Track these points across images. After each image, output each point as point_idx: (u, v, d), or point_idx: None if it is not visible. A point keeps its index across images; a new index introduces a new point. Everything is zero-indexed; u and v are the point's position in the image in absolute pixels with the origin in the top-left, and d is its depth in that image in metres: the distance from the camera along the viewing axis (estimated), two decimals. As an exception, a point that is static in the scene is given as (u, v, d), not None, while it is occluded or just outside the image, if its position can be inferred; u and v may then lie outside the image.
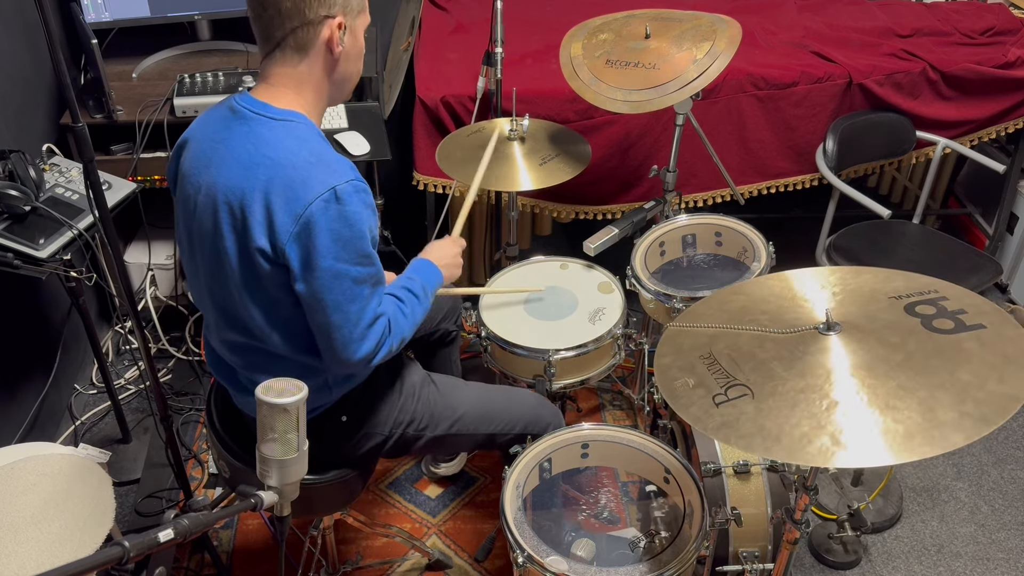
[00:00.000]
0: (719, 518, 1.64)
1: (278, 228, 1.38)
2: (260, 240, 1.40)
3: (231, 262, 1.45)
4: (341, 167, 1.41)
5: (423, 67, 2.73)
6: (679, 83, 2.09)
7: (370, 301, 1.47)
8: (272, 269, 1.42)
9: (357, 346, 1.47)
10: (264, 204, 1.38)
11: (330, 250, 1.39)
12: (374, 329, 1.49)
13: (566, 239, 3.19)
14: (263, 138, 1.41)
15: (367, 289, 1.46)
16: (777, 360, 1.32)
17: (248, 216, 1.40)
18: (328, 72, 1.48)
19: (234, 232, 1.43)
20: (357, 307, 1.45)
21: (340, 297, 1.43)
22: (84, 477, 1.75)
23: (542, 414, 1.89)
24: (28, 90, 2.48)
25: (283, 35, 1.42)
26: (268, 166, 1.39)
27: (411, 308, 1.61)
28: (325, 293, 1.42)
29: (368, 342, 1.48)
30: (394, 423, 1.74)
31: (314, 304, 1.43)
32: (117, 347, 2.88)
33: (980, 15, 3.04)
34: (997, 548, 2.26)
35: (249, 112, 1.44)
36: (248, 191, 1.39)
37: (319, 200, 1.36)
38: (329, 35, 1.42)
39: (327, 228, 1.38)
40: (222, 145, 1.45)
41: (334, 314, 1.44)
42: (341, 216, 1.38)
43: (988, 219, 3.17)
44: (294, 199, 1.37)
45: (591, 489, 1.76)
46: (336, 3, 1.41)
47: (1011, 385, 1.18)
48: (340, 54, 1.46)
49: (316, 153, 1.41)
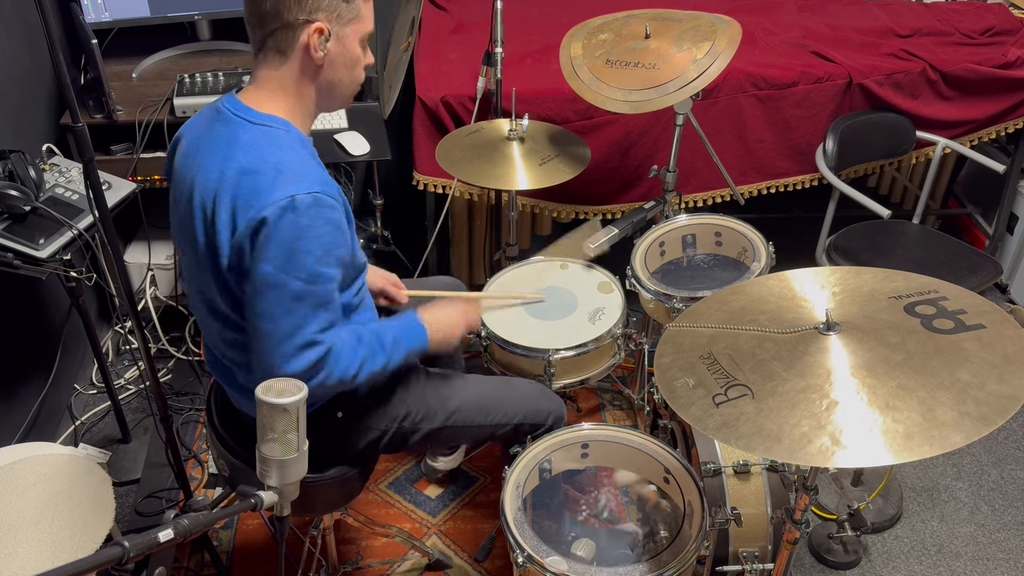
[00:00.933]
0: (719, 518, 1.64)
1: (237, 229, 1.38)
2: (224, 239, 1.40)
3: (204, 260, 1.46)
4: (308, 177, 1.39)
5: (423, 67, 2.73)
6: (679, 83, 2.09)
7: (307, 321, 1.41)
8: (231, 271, 1.43)
9: (283, 361, 1.42)
10: (230, 205, 1.39)
11: (273, 257, 1.37)
12: (307, 353, 1.42)
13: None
14: (239, 141, 1.42)
15: (305, 308, 1.41)
16: (777, 360, 1.32)
17: (216, 216, 1.41)
18: (310, 77, 1.46)
19: (205, 230, 1.44)
20: (290, 323, 1.40)
21: (274, 307, 1.39)
22: (84, 477, 1.75)
23: (543, 404, 1.87)
24: (28, 90, 2.48)
25: (263, 37, 1.43)
26: (238, 169, 1.39)
27: (367, 353, 1.52)
28: (258, 298, 1.40)
29: (297, 363, 1.42)
30: (390, 417, 1.73)
31: (249, 308, 1.42)
32: (117, 347, 2.88)
33: (980, 15, 3.04)
34: (997, 548, 2.26)
35: (231, 114, 1.45)
36: (219, 192, 1.40)
37: (274, 205, 1.35)
38: (307, 40, 1.42)
39: (275, 235, 1.36)
40: (205, 144, 1.46)
41: (263, 322, 1.41)
42: (293, 226, 1.36)
43: (988, 219, 3.17)
44: (254, 201, 1.37)
45: (591, 489, 1.76)
46: (319, 8, 1.40)
47: (1011, 385, 1.18)
48: (322, 60, 1.45)
49: (288, 160, 1.40)
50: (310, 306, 1.41)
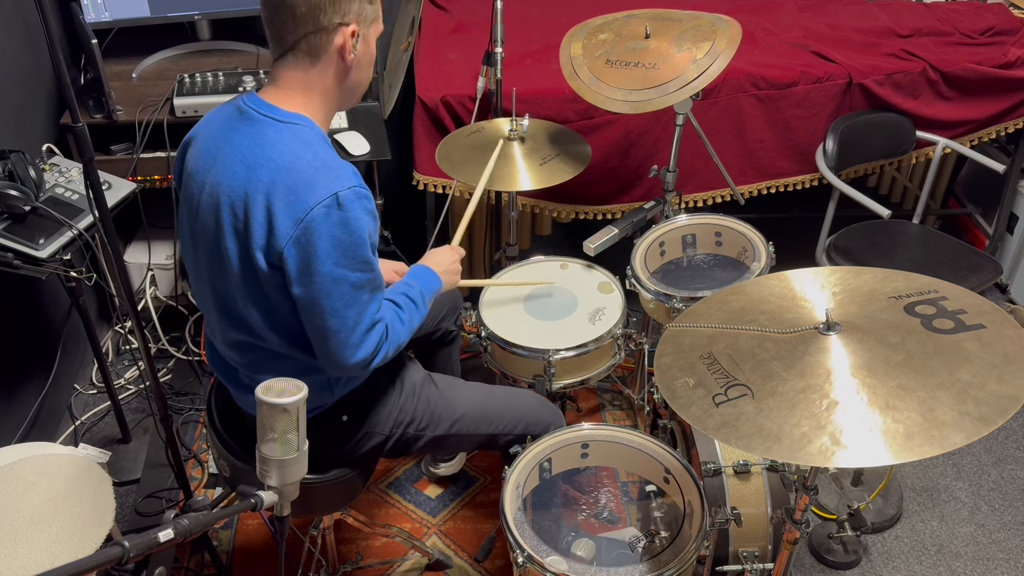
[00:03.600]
0: (719, 518, 1.64)
1: (278, 231, 1.38)
2: (259, 242, 1.40)
3: (231, 262, 1.45)
4: (344, 173, 1.41)
5: (423, 67, 2.73)
6: (679, 83, 2.09)
7: (368, 306, 1.47)
8: (270, 271, 1.42)
9: (353, 351, 1.47)
10: (265, 206, 1.38)
11: (330, 255, 1.39)
12: (371, 334, 1.49)
13: (566, 239, 3.19)
14: (268, 139, 1.41)
15: (365, 294, 1.46)
16: (777, 360, 1.32)
17: (250, 217, 1.40)
18: (339, 79, 1.48)
19: (235, 232, 1.43)
20: (354, 312, 1.45)
21: (338, 303, 1.43)
22: (84, 477, 1.75)
23: (543, 415, 1.90)
24: (28, 90, 2.48)
25: (296, 40, 1.42)
26: (271, 168, 1.39)
27: (409, 314, 1.62)
28: (323, 298, 1.42)
29: (365, 347, 1.48)
30: (395, 423, 1.74)
31: (311, 308, 1.43)
32: (117, 347, 2.88)
33: (980, 15, 3.04)
34: (997, 548, 2.26)
35: (256, 113, 1.44)
36: (251, 192, 1.39)
37: (321, 206, 1.36)
38: (342, 43, 1.42)
39: (328, 233, 1.37)
40: (227, 145, 1.45)
41: (331, 319, 1.44)
42: (342, 222, 1.38)
43: (988, 219, 3.17)
44: (296, 203, 1.37)
45: (591, 489, 1.76)
46: (351, 11, 1.41)
47: (1011, 385, 1.18)
48: (352, 61, 1.46)
49: (320, 157, 1.41)
50: (368, 292, 1.47)
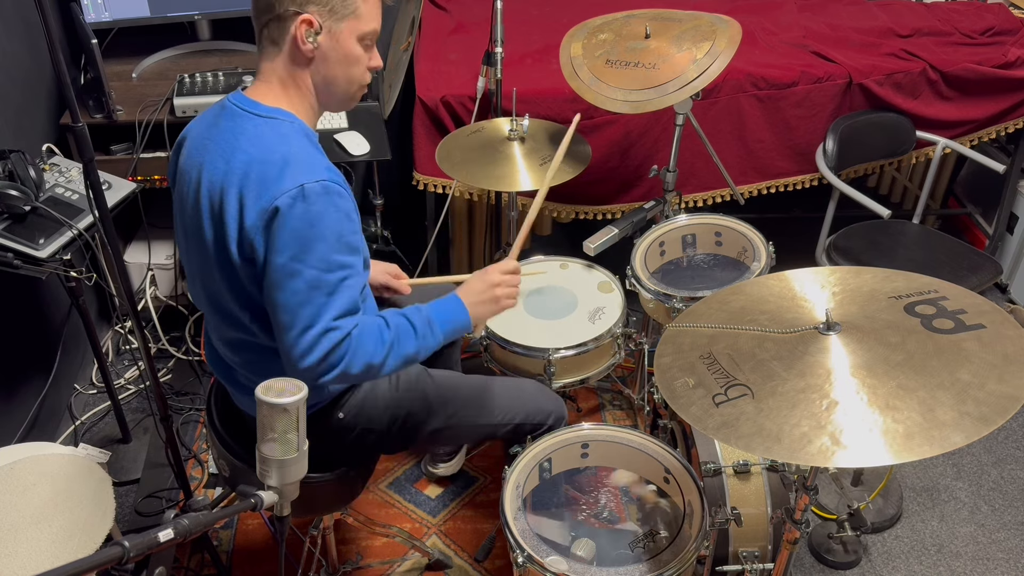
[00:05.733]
0: (719, 518, 1.64)
1: (247, 222, 1.39)
2: (233, 234, 1.41)
3: (212, 255, 1.46)
4: (316, 166, 1.40)
5: (423, 67, 2.73)
6: (679, 83, 2.09)
7: (324, 310, 1.40)
8: (243, 264, 1.43)
9: (304, 352, 1.41)
10: (238, 197, 1.40)
11: (287, 247, 1.37)
12: (324, 340, 1.40)
13: (566, 239, 3.19)
14: (245, 133, 1.43)
15: (321, 296, 1.40)
16: (777, 360, 1.32)
17: (224, 209, 1.41)
18: (301, 68, 1.47)
19: (212, 224, 1.44)
20: (308, 312, 1.39)
21: (291, 298, 1.39)
22: (84, 477, 1.75)
23: (544, 404, 1.87)
24: (28, 90, 2.48)
25: (260, 28, 1.46)
26: (245, 160, 1.40)
27: (395, 336, 1.50)
28: (276, 291, 1.40)
29: (314, 353, 1.40)
30: (391, 418, 1.73)
31: (268, 302, 1.43)
32: (117, 347, 2.88)
33: (980, 15, 3.04)
34: (997, 548, 2.26)
35: (237, 109, 1.47)
36: (226, 185, 1.41)
37: (285, 195, 1.36)
38: (294, 32, 1.43)
39: (288, 225, 1.36)
40: (210, 141, 1.47)
41: (283, 314, 1.41)
42: (305, 214, 1.37)
43: (988, 219, 3.17)
44: (263, 193, 1.37)
45: (591, 489, 1.76)
46: (309, 1, 1.41)
47: (1011, 385, 1.18)
48: (312, 52, 1.45)
49: (295, 151, 1.41)
50: (326, 294, 1.41)
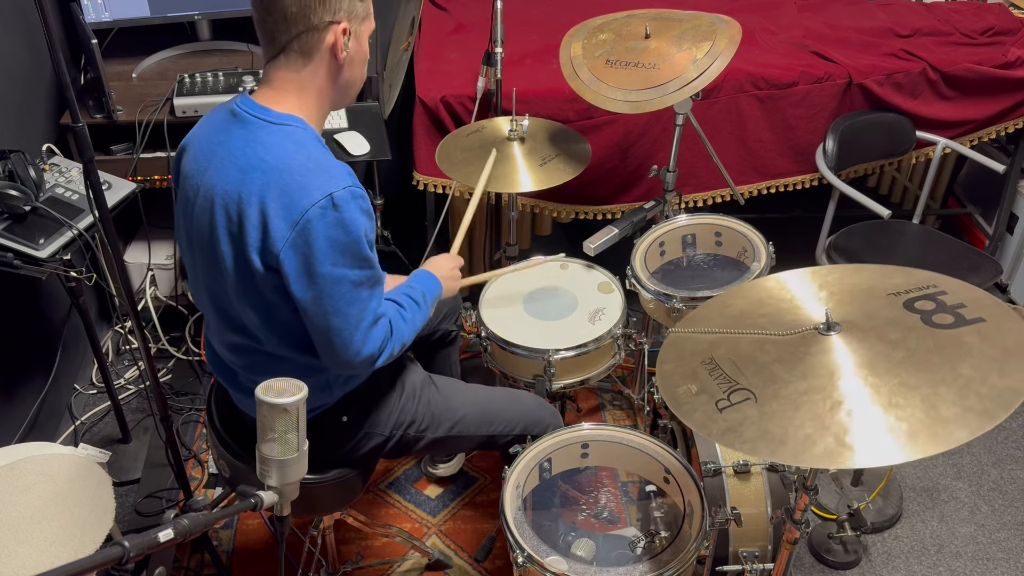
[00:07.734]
0: (719, 518, 1.64)
1: (273, 234, 1.38)
2: (255, 244, 1.40)
3: (227, 265, 1.45)
4: (339, 173, 1.41)
5: (423, 67, 2.73)
6: (679, 83, 2.09)
7: (369, 303, 1.48)
8: (266, 273, 1.42)
9: (359, 347, 1.48)
10: (260, 209, 1.38)
11: (328, 256, 1.39)
12: (375, 330, 1.50)
13: (566, 239, 3.19)
14: (261, 142, 1.41)
15: (365, 291, 1.46)
16: (779, 363, 1.31)
17: (244, 220, 1.39)
18: (332, 78, 1.47)
19: (230, 236, 1.43)
20: (356, 310, 1.45)
21: (340, 301, 1.43)
22: (84, 477, 1.74)
23: (542, 415, 1.90)
24: (28, 90, 2.48)
25: (288, 40, 1.41)
26: (265, 170, 1.39)
27: (411, 313, 1.62)
28: (325, 298, 1.42)
29: (370, 343, 1.49)
30: (395, 424, 1.74)
31: (314, 309, 1.43)
32: (117, 347, 2.88)
33: (980, 15, 3.04)
34: (997, 548, 2.26)
35: (248, 115, 1.44)
36: (244, 195, 1.39)
37: (316, 207, 1.36)
38: (333, 41, 1.42)
39: (324, 235, 1.37)
40: (220, 148, 1.44)
41: (334, 318, 1.44)
42: (339, 223, 1.38)
43: (988, 219, 3.17)
44: (291, 205, 1.37)
45: (591, 489, 1.76)
46: (341, 9, 1.41)
47: (1013, 378, 1.17)
48: (344, 60, 1.46)
49: (314, 158, 1.40)
50: (368, 288, 1.47)
